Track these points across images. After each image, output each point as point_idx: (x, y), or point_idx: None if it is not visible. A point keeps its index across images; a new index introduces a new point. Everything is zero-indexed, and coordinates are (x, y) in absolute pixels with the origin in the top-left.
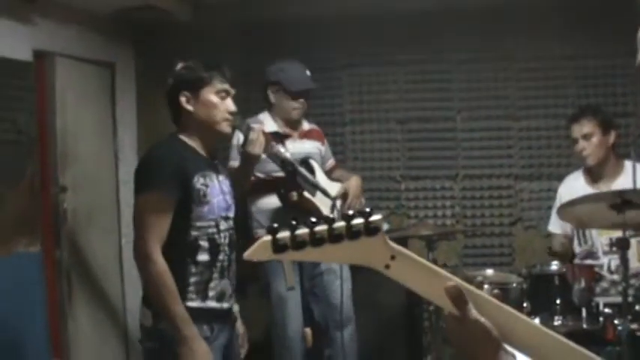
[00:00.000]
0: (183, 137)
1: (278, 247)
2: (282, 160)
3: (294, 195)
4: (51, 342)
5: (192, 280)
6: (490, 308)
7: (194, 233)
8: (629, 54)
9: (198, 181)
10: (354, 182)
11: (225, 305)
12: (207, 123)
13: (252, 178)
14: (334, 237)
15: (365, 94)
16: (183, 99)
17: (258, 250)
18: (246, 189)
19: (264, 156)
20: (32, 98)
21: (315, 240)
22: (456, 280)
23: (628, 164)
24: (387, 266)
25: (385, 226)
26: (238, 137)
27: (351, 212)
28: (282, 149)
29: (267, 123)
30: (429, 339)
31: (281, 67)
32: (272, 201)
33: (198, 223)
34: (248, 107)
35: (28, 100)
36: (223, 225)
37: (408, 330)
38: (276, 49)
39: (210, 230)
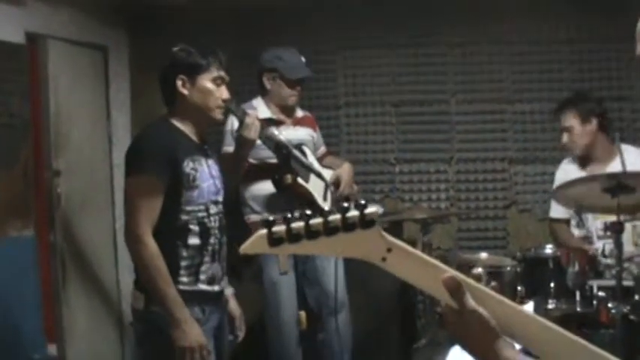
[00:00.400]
0: (174, 121)
1: (274, 240)
2: (276, 143)
3: (289, 178)
4: (45, 326)
5: (184, 263)
6: (487, 299)
7: (184, 217)
8: (625, 38)
9: (188, 166)
10: (346, 169)
11: (217, 288)
12: (200, 108)
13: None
14: (329, 230)
15: (359, 77)
16: (179, 82)
17: (254, 243)
18: (240, 175)
19: (258, 142)
20: (25, 81)
21: (311, 233)
22: (452, 272)
23: (623, 148)
24: (384, 259)
25: (379, 210)
26: (232, 122)
27: (346, 204)
28: (276, 132)
29: (261, 109)
30: (423, 322)
31: (278, 55)
32: (265, 187)
33: (189, 208)
34: (242, 92)
35: (21, 83)
36: (213, 209)
37: (402, 313)
38: (270, 34)
39: (201, 214)
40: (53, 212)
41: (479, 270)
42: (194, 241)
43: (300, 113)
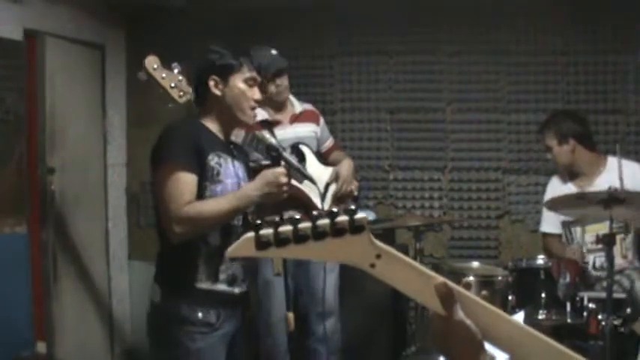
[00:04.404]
0: (203, 120)
1: (261, 244)
2: (267, 146)
3: None
4: (35, 324)
5: (202, 260)
6: (476, 308)
7: None
8: (620, 51)
9: (213, 160)
10: (345, 166)
11: (237, 290)
12: (231, 109)
13: None
14: (318, 234)
15: (355, 83)
16: (211, 83)
17: (242, 246)
18: None
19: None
20: (22, 78)
21: (299, 237)
22: (443, 279)
23: (612, 160)
24: (373, 265)
25: (372, 216)
26: None
27: (335, 209)
28: (267, 134)
29: (257, 111)
30: (414, 328)
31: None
32: None
33: None
34: None
35: (18, 79)
36: None
37: (394, 319)
38: (268, 36)
39: None
40: (46, 209)
41: (470, 278)
42: (214, 239)
43: (298, 108)
